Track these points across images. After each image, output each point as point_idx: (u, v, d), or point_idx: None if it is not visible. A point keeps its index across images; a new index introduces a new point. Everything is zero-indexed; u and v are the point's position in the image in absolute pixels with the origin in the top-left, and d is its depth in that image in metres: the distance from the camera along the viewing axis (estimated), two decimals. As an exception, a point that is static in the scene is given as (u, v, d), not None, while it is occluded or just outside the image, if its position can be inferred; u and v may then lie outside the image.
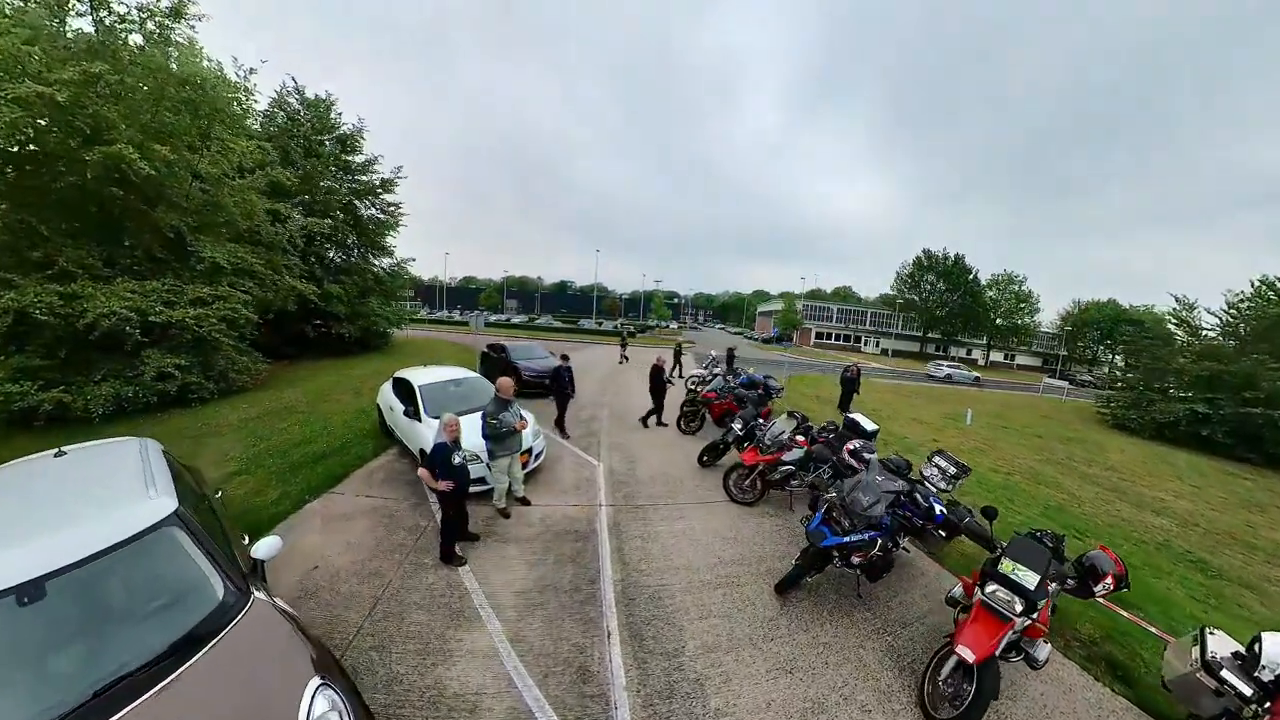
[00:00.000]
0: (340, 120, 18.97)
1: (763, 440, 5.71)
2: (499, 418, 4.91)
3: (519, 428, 5.05)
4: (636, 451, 7.77)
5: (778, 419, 6.15)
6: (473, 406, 6.40)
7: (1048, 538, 4.39)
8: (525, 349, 13.53)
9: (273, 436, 8.20)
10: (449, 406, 6.29)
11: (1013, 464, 11.03)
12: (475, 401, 6.60)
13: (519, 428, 5.05)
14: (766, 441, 5.65)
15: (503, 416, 4.94)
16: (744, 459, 5.74)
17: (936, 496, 4.53)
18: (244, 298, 11.15)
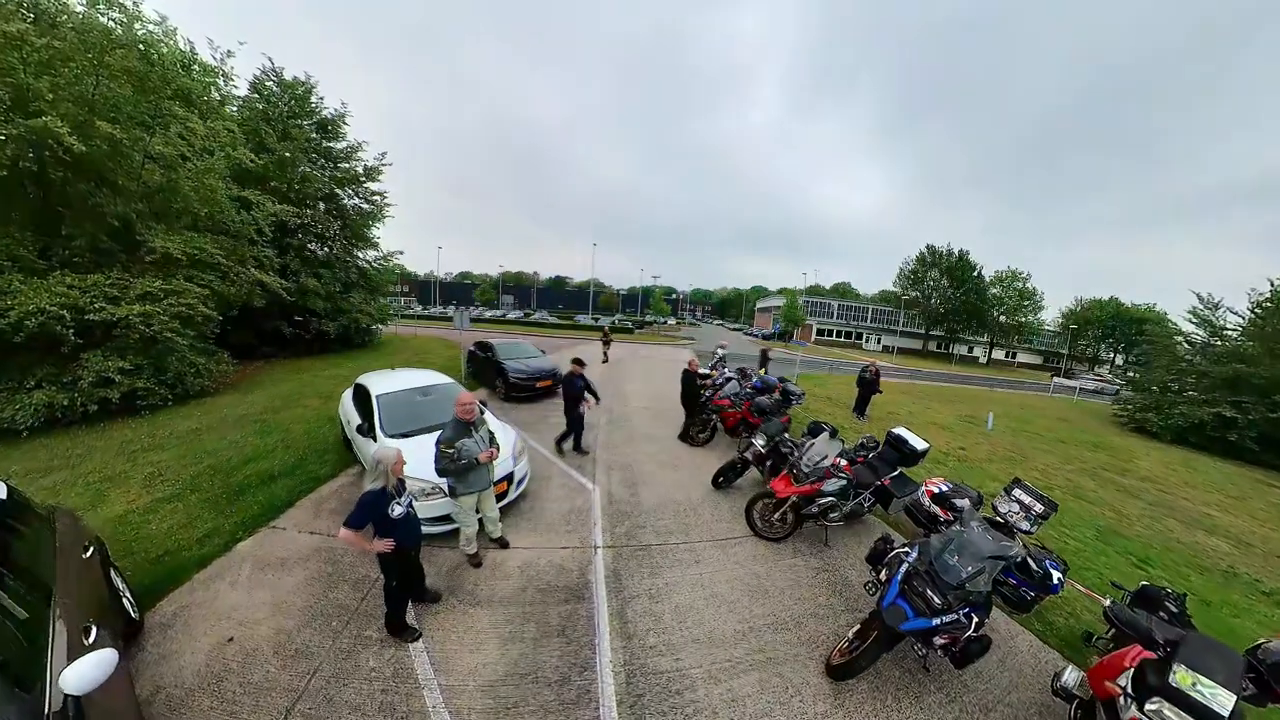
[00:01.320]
0: (322, 105, 17.87)
1: (798, 466, 4.70)
2: (457, 446, 3.86)
3: (484, 459, 3.97)
4: (639, 469, 6.77)
5: (817, 439, 5.13)
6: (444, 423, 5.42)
7: (1170, 599, 3.38)
8: (514, 347, 12.48)
9: (221, 451, 7.17)
10: (414, 422, 5.27)
11: (1049, 476, 10.10)
12: (448, 416, 5.60)
13: (484, 459, 3.97)
14: (804, 469, 4.64)
15: (462, 445, 3.87)
16: (774, 489, 4.72)
17: (1055, 559, 3.53)
18: (201, 292, 10.05)
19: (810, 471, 4.52)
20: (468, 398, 4.04)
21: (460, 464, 3.84)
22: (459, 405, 4.01)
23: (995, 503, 4.40)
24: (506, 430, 5.61)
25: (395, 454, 3.11)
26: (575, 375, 6.75)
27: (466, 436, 3.95)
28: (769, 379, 9.42)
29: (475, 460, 3.89)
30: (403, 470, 3.18)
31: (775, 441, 5.64)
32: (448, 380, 6.73)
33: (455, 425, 3.99)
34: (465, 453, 3.85)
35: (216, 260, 10.60)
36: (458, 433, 3.93)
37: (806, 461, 4.61)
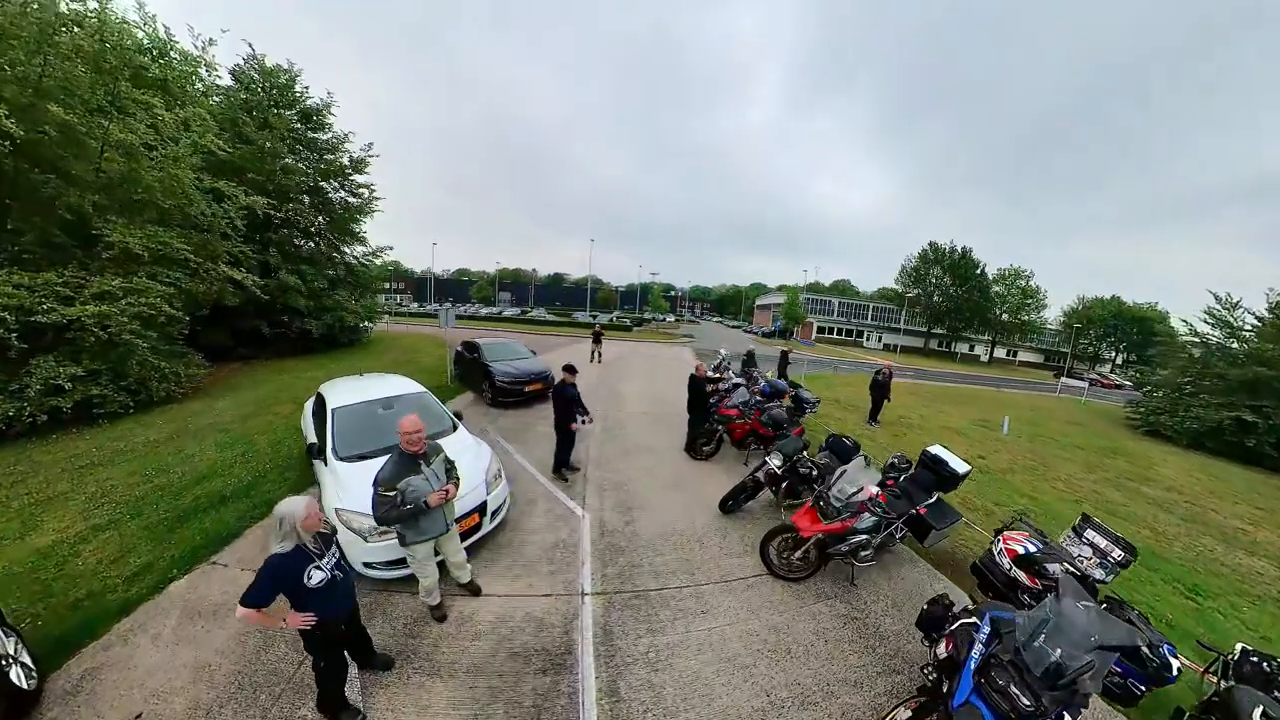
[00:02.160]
0: (306, 94, 17.10)
1: (826, 498, 4.01)
2: (400, 488, 3.07)
3: (436, 501, 3.15)
4: (636, 489, 6.05)
5: (849, 466, 4.40)
6: None
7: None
8: (502, 347, 11.65)
9: (175, 467, 6.50)
10: (373, 440, 4.58)
11: (1074, 487, 9.48)
12: None
13: (436, 501, 3.15)
14: (833, 502, 3.94)
15: (408, 486, 3.09)
16: (797, 526, 4.01)
17: (1172, 646, 2.85)
18: (166, 291, 9.33)
19: (842, 506, 3.83)
20: (412, 424, 3.23)
21: (406, 510, 3.06)
22: (402, 434, 3.20)
23: (1063, 543, 3.74)
24: (480, 449, 4.93)
25: (303, 506, 2.39)
26: (566, 385, 5.98)
27: (413, 473, 3.17)
28: (778, 383, 8.73)
29: (425, 504, 3.10)
30: (319, 523, 2.50)
31: (793, 461, 4.97)
32: (416, 389, 5.96)
33: (398, 459, 3.20)
34: (412, 494, 3.07)
35: (184, 256, 9.86)
36: (401, 469, 3.15)
37: (837, 493, 3.91)
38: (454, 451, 4.57)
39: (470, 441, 5.01)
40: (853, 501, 3.81)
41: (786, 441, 5.19)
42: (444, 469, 3.41)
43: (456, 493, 3.40)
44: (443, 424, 5.23)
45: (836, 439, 5.76)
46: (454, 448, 4.69)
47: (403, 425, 3.22)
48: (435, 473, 3.28)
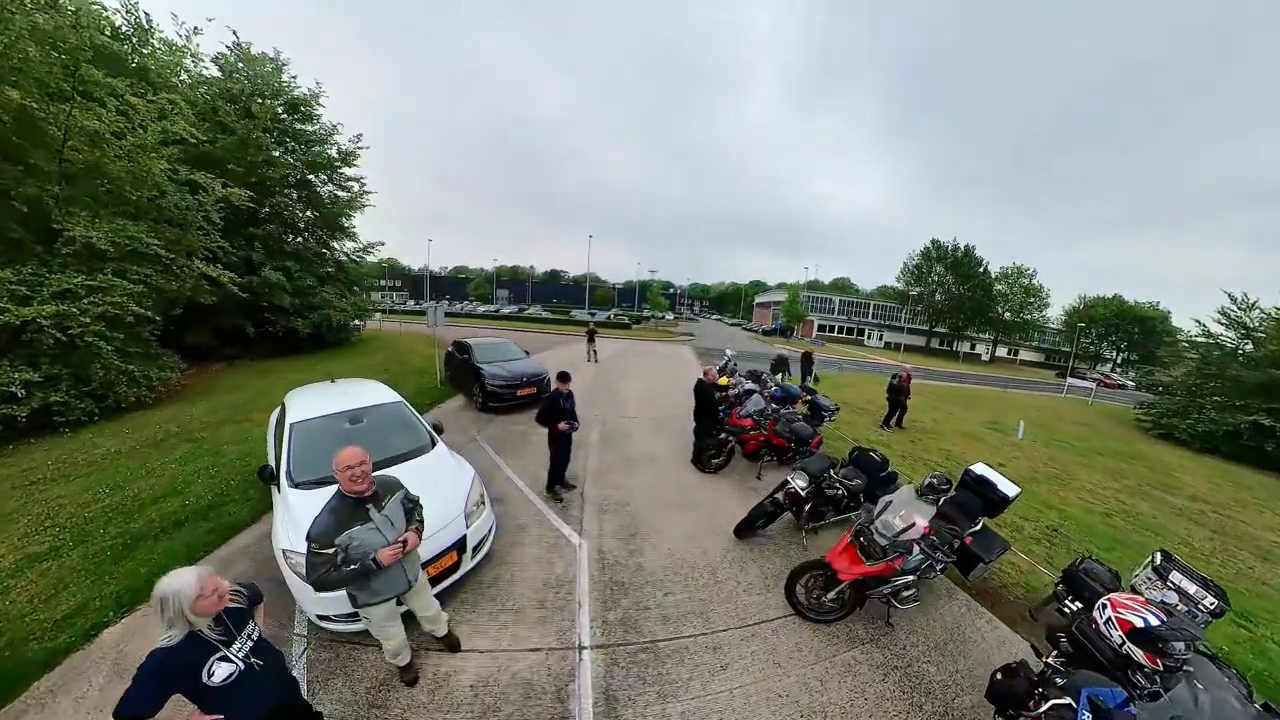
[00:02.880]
0: (293, 84, 16.43)
1: (868, 534, 3.42)
2: (340, 544, 2.37)
3: (388, 559, 2.42)
4: (639, 509, 5.43)
5: (896, 495, 3.79)
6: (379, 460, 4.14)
7: None
8: (494, 348, 10.99)
9: (133, 483, 5.92)
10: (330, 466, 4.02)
11: (1100, 497, 8.98)
12: (387, 448, 4.30)
13: (388, 559, 2.42)
14: (878, 540, 3.37)
15: (350, 540, 2.39)
16: (835, 567, 3.43)
17: None
18: (134, 289, 8.72)
19: (889, 545, 3.27)
20: (353, 456, 2.47)
21: (348, 572, 2.36)
22: (340, 471, 2.45)
23: (1138, 585, 3.21)
24: (460, 471, 4.30)
25: (193, 583, 1.75)
26: (560, 394, 5.36)
27: (358, 521, 2.47)
28: (790, 388, 8.16)
29: (374, 563, 2.39)
30: (221, 601, 1.86)
31: (819, 482, 4.43)
32: (391, 398, 5.27)
33: (337, 505, 2.48)
34: (356, 550, 2.39)
35: (155, 252, 9.23)
36: (341, 517, 2.44)
37: (882, 529, 3.34)
38: (429, 475, 4.01)
39: (449, 462, 4.41)
40: (901, 541, 3.23)
41: (811, 459, 4.64)
42: (402, 512, 2.71)
43: (419, 542, 2.71)
44: (419, 440, 4.64)
45: (862, 453, 5.20)
46: (429, 470, 4.12)
47: (341, 460, 2.46)
48: (389, 518, 2.59)
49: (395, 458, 4.19)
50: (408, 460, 4.18)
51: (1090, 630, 2.45)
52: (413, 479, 3.87)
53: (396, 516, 2.65)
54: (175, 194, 10.02)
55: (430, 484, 3.89)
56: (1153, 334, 54.34)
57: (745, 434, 6.60)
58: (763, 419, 6.57)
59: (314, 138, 16.47)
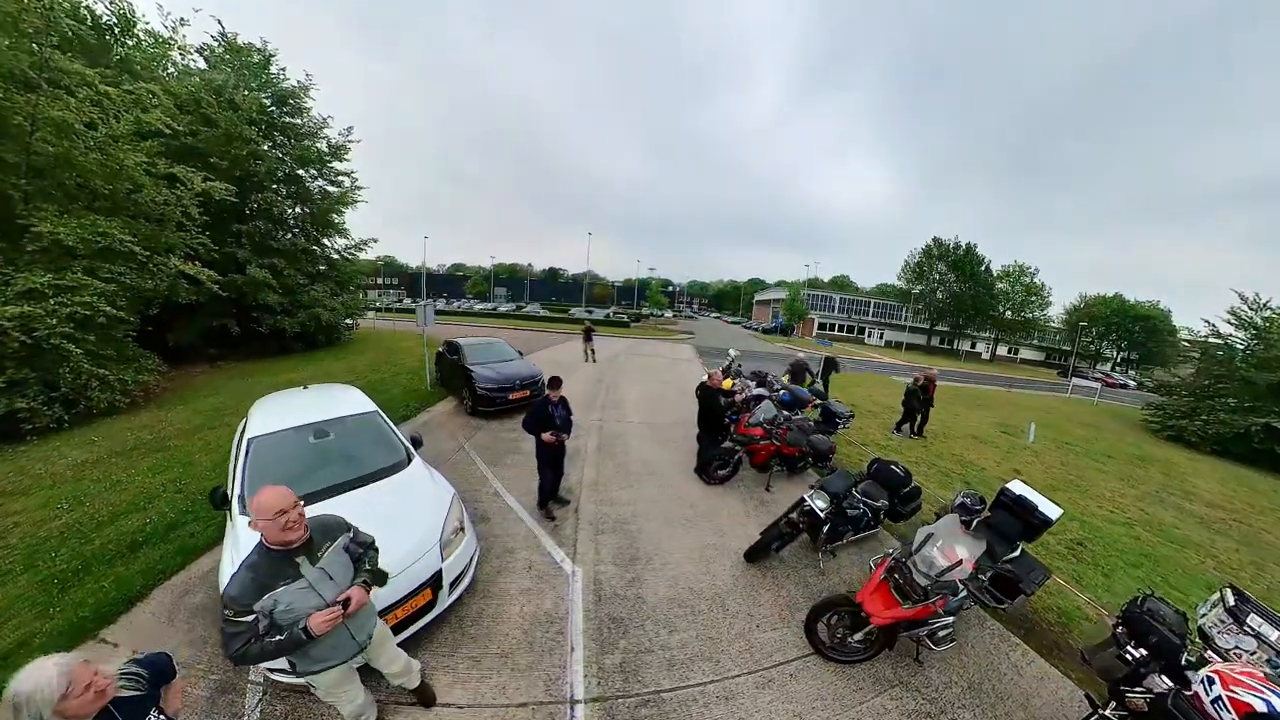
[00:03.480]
0: (282, 76, 15.95)
1: (906, 572, 2.99)
2: (262, 609, 1.88)
3: (323, 626, 1.92)
4: (640, 529, 4.95)
5: (938, 526, 3.21)
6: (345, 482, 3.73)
7: None
8: (485, 348, 10.44)
9: (96, 497, 5.51)
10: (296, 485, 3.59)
11: (1120, 505, 8.60)
12: (358, 467, 3.88)
13: (323, 626, 1.92)
14: (919, 578, 2.91)
15: (274, 603, 1.90)
16: (867, 610, 2.98)
17: None
18: (105, 287, 8.28)
19: (931, 585, 2.86)
20: (276, 500, 1.95)
21: (272, 644, 1.88)
22: (261, 520, 1.93)
23: (1205, 626, 2.81)
24: (437, 493, 3.80)
25: (53, 679, 1.34)
26: (550, 401, 4.87)
27: (284, 578, 1.96)
28: (799, 391, 7.71)
29: (304, 632, 1.90)
30: (100, 697, 1.45)
31: (841, 504, 4.03)
32: (365, 408, 4.71)
33: (258, 559, 1.97)
34: (284, 615, 1.90)
35: (129, 249, 8.78)
36: (262, 574, 1.93)
37: (923, 567, 2.90)
38: (400, 498, 3.60)
39: (425, 481, 3.93)
40: (946, 581, 2.81)
41: (832, 477, 4.22)
42: (346, 561, 2.20)
43: (367, 598, 2.18)
44: (393, 456, 4.18)
45: (883, 465, 4.79)
46: (401, 492, 3.69)
47: (262, 504, 1.92)
48: (327, 571, 2.07)
49: (363, 477, 3.77)
50: (378, 480, 3.75)
51: (1191, 708, 2.05)
52: (381, 503, 3.50)
53: (338, 568, 2.13)
54: (153, 188, 9.56)
55: (402, 509, 3.49)
56: (1154, 333, 54.12)
57: (754, 444, 6.14)
58: (774, 428, 6.12)
59: (303, 131, 15.99)
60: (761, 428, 6.12)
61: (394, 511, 3.39)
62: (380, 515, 3.30)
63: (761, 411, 6.39)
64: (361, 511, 3.36)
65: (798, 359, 11.11)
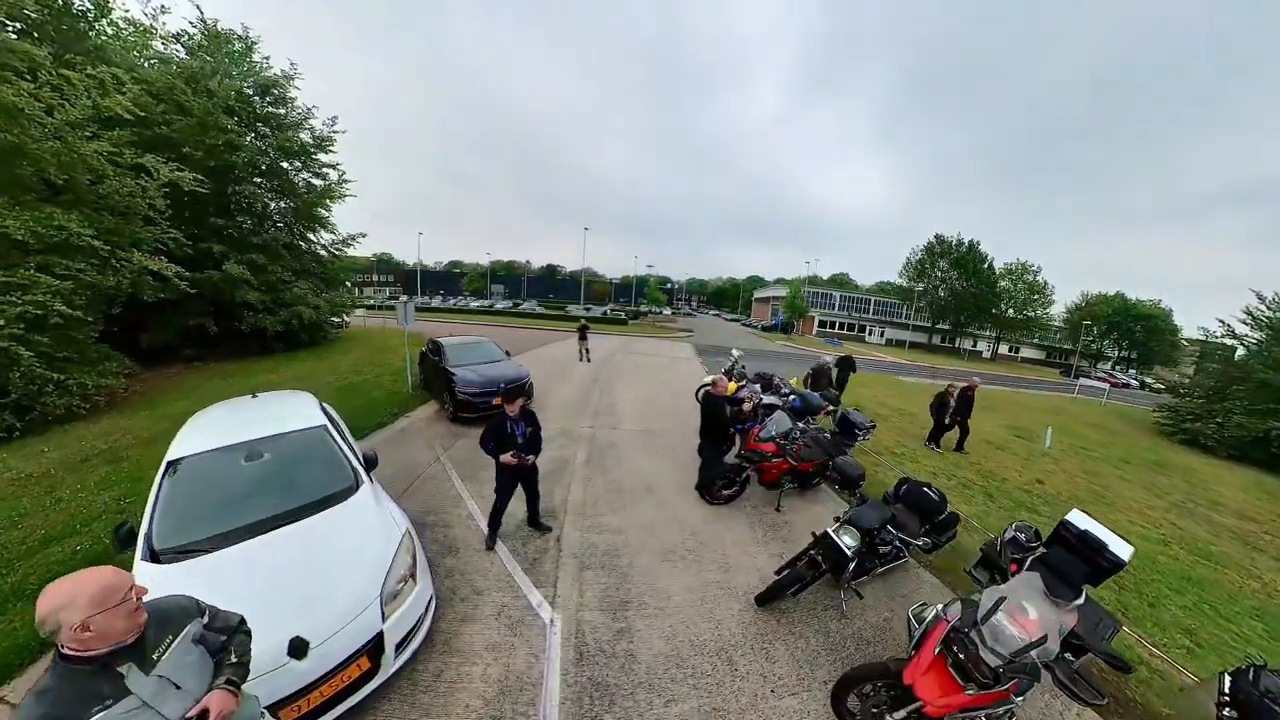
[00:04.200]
0: (265, 65, 15.30)
1: (968, 644, 2.29)
2: None
3: None
4: (631, 561, 4.28)
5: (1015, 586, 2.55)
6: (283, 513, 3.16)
7: None
8: (469, 348, 9.74)
9: (31, 516, 4.97)
10: (219, 519, 3.03)
11: (1149, 518, 8.06)
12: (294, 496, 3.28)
13: None
14: (988, 658, 2.21)
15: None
16: (920, 695, 2.28)
17: None
18: (61, 285, 7.68)
19: (1005, 666, 2.16)
20: (91, 581, 1.34)
21: None
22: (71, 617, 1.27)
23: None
24: (385, 533, 3.13)
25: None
26: (510, 417, 4.16)
27: (104, 700, 1.34)
28: (811, 398, 7.07)
29: None
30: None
31: (873, 539, 3.45)
32: (313, 421, 4.04)
33: (54, 682, 1.32)
34: None
35: (88, 243, 8.16)
36: (62, 706, 1.29)
37: (991, 638, 2.21)
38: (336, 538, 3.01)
39: (371, 515, 3.28)
40: (1023, 662, 2.18)
41: (864, 510, 3.60)
42: (196, 660, 1.59)
43: (235, 705, 1.55)
44: (338, 481, 3.53)
45: (915, 488, 4.19)
46: (339, 530, 3.10)
47: (78, 593, 1.30)
48: (170, 678, 1.48)
49: (297, 510, 3.16)
50: (314, 513, 3.18)
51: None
52: (313, 545, 2.90)
53: (187, 671, 1.54)
54: (116, 179, 8.92)
55: (337, 553, 2.90)
56: (1155, 332, 53.66)
57: (767, 461, 5.42)
58: (788, 443, 5.42)
59: (287, 122, 15.32)
60: (774, 443, 5.45)
61: (326, 557, 2.81)
62: (309, 562, 2.74)
63: (774, 424, 5.67)
64: (286, 557, 2.79)
65: (821, 362, 10.23)
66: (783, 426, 5.66)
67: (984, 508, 6.93)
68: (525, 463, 4.19)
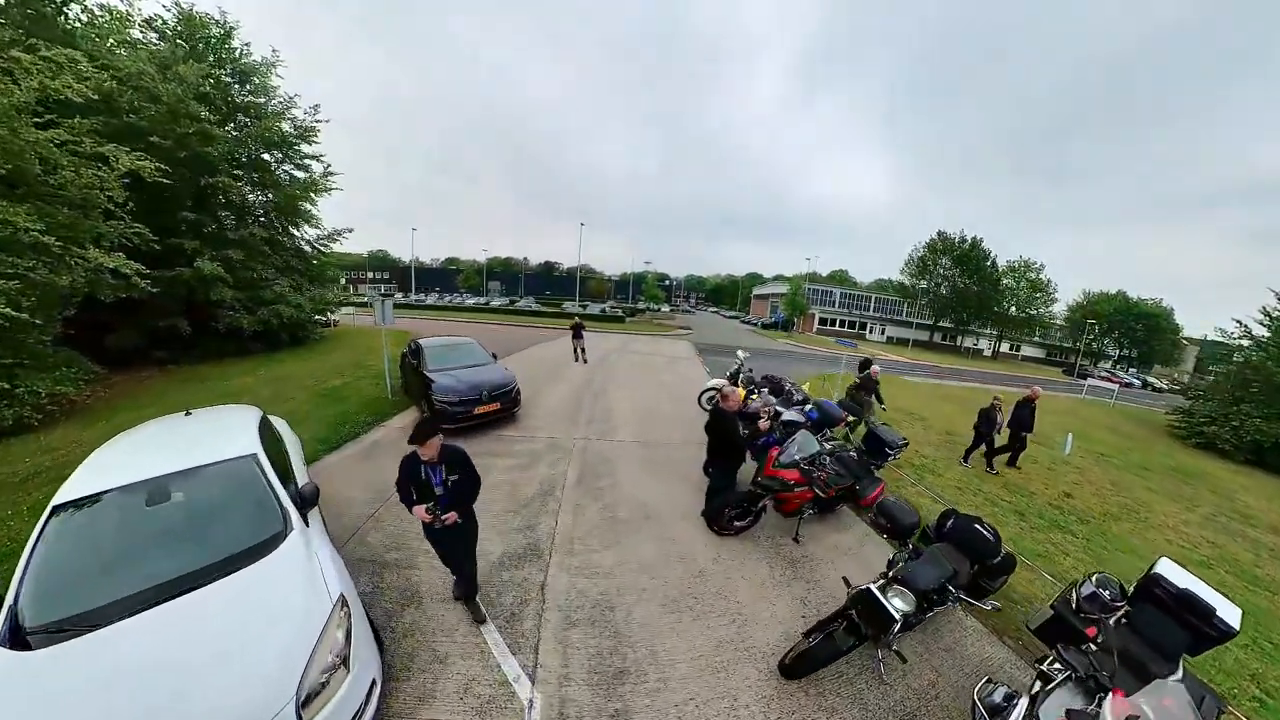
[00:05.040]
0: (246, 51, 14.56)
1: None
2: None
3: None
4: (627, 622, 3.50)
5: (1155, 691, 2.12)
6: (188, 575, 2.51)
7: None
8: (451, 351, 8.89)
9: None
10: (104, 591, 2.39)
11: (1185, 536, 7.49)
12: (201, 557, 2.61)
13: None
14: None
15: None
16: None
17: None
18: (6, 285, 7.00)
19: None
20: None
21: None
22: None
23: None
24: (309, 596, 2.49)
25: None
26: (424, 460, 3.12)
27: None
28: (830, 407, 6.39)
29: None
30: None
31: (928, 599, 2.84)
32: (238, 451, 3.30)
33: None
34: None
35: (36, 239, 7.47)
36: None
37: None
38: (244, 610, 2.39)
39: (296, 577, 2.59)
40: None
41: (920, 568, 2.92)
42: None
43: None
44: (258, 528, 2.83)
45: (964, 524, 3.55)
46: (253, 598, 2.46)
47: None
48: None
49: (203, 571, 2.49)
50: (227, 573, 2.51)
51: None
52: (215, 621, 2.24)
53: None
54: (71, 169, 8.22)
55: (244, 632, 2.25)
56: (1156, 331, 53.28)
57: (788, 493, 4.59)
58: (816, 470, 4.62)
59: (268, 111, 14.58)
60: (799, 469, 4.62)
61: (226, 643, 2.15)
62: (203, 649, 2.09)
63: (798, 447, 4.82)
64: (179, 640, 2.15)
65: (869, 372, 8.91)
66: (808, 449, 4.83)
67: (1016, 529, 6.33)
68: (441, 522, 3.07)
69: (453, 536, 3.29)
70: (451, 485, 3.19)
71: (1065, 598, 3.19)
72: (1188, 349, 61.07)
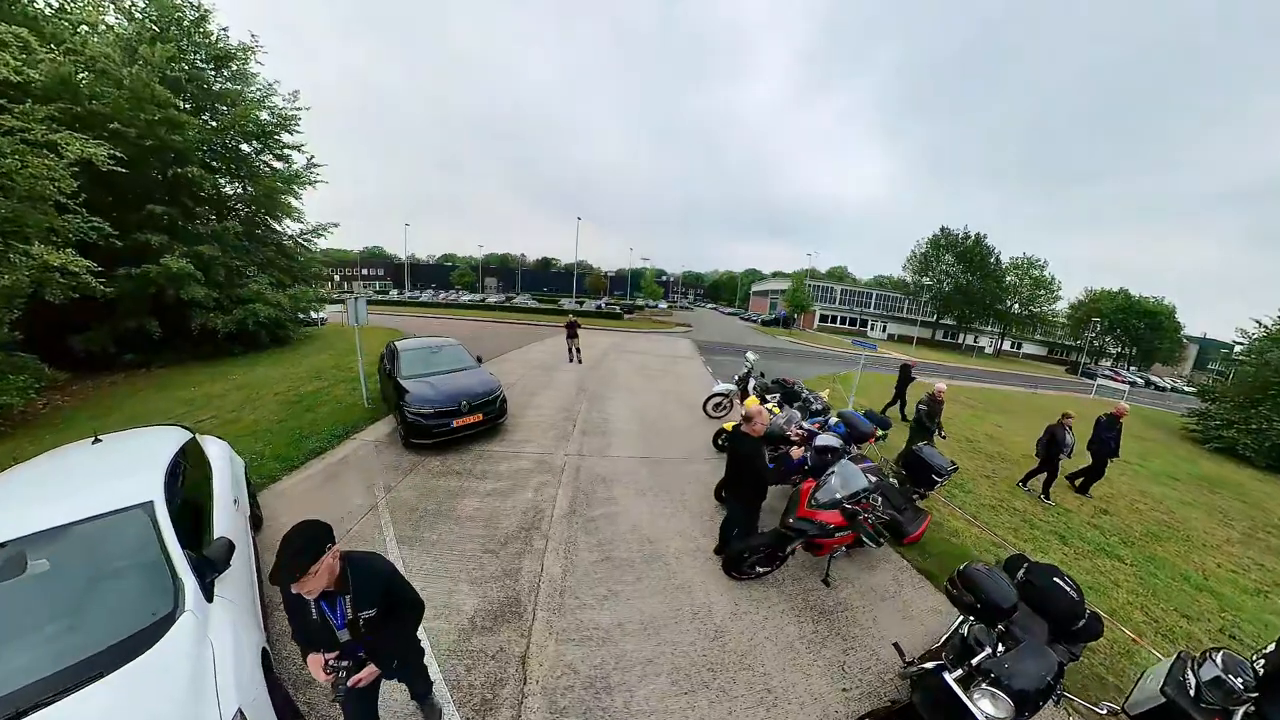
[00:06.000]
0: (224, 36, 13.76)
1: None
2: None
3: None
4: (628, 708, 2.81)
5: None
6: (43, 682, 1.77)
7: None
8: (429, 354, 8.11)
9: None
10: None
11: (1230, 557, 6.85)
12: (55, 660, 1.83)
13: None
14: None
15: None
16: None
17: None
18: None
19: None
20: None
21: None
22: None
23: None
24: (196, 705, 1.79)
25: None
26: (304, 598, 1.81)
27: None
28: (858, 420, 5.71)
29: None
30: None
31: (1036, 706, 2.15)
32: (136, 498, 2.47)
33: None
34: None
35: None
36: None
37: None
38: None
39: (175, 685, 1.84)
40: None
41: (1023, 661, 2.15)
42: None
43: None
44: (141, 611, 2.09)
45: (1042, 579, 2.88)
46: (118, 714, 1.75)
47: None
48: None
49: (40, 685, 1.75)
50: (84, 685, 1.78)
51: None
52: None
53: None
54: (15, 157, 7.47)
55: None
56: (1159, 329, 52.76)
57: (825, 539, 3.82)
58: (860, 510, 3.76)
59: (246, 99, 13.78)
60: (842, 510, 3.77)
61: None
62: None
63: (840, 481, 3.93)
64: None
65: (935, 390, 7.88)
66: (852, 485, 3.93)
67: (1059, 555, 5.69)
68: (344, 685, 1.85)
69: (359, 698, 2.03)
70: (365, 626, 1.94)
71: (1179, 679, 2.53)
72: (1188, 348, 60.72)
